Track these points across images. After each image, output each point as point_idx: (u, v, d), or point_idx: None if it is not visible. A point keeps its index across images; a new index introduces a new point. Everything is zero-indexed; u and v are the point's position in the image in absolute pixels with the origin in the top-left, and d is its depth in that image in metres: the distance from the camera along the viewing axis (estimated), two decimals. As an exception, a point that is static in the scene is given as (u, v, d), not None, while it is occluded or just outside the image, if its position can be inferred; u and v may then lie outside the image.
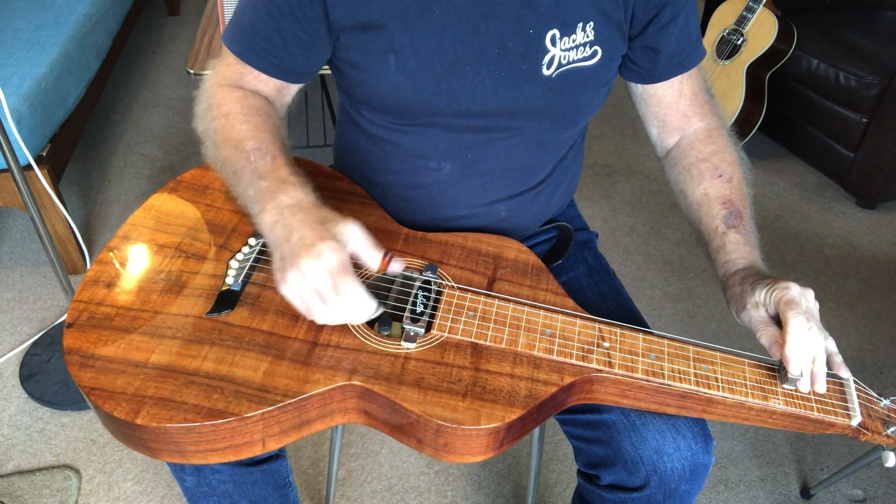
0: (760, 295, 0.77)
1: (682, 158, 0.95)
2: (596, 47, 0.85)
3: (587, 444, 0.89)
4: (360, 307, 0.72)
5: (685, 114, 0.95)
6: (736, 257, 0.84)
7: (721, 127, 0.95)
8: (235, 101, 0.86)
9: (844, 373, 0.77)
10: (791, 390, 0.76)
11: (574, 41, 0.83)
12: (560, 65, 0.84)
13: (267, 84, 0.89)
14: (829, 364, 0.76)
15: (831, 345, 0.76)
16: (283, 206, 0.75)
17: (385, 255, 0.76)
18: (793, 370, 0.73)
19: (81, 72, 2.02)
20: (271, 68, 0.87)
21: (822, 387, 0.75)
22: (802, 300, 0.75)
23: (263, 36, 0.84)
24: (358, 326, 0.76)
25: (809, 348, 0.73)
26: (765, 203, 2.25)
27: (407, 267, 0.85)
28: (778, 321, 0.76)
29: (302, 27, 0.83)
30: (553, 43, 0.83)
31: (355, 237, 0.74)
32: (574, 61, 0.84)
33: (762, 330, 0.77)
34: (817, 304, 0.77)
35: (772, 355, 0.76)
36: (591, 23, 0.83)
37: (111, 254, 0.83)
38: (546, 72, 0.84)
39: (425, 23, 0.80)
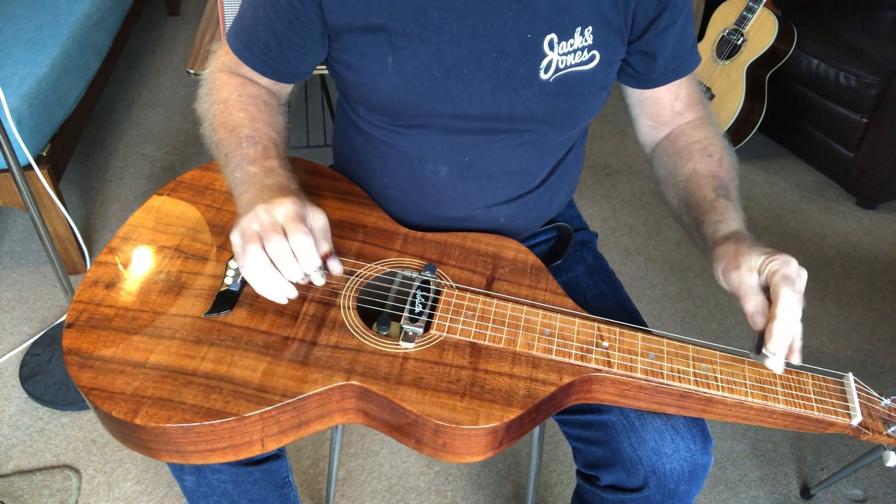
0: (758, 260, 0.73)
1: (673, 143, 0.95)
2: (594, 51, 0.85)
3: (586, 444, 0.89)
4: (303, 251, 0.71)
5: (679, 112, 0.96)
6: (727, 218, 0.82)
7: (711, 123, 0.96)
8: (234, 89, 0.88)
9: (796, 358, 0.73)
10: (758, 364, 0.74)
11: (572, 45, 0.83)
12: (558, 69, 0.84)
13: (262, 80, 0.91)
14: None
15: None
16: (265, 186, 0.78)
17: (330, 251, 0.77)
18: (773, 347, 0.71)
19: (81, 72, 2.02)
20: (267, 69, 0.89)
21: (797, 359, 0.72)
22: (798, 280, 0.72)
23: (260, 37, 0.86)
24: (357, 326, 0.76)
25: (794, 329, 0.71)
26: (765, 203, 2.25)
27: (406, 266, 0.85)
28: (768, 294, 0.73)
29: (296, 32, 0.83)
30: (551, 47, 0.82)
31: (318, 222, 0.76)
32: (572, 65, 0.84)
33: (751, 297, 0.73)
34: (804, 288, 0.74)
35: (752, 325, 0.73)
36: (590, 27, 0.83)
37: (111, 255, 0.83)
38: (544, 76, 0.84)
39: (423, 25, 0.80)
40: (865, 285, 1.96)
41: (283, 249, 0.71)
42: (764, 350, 0.72)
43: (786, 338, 0.71)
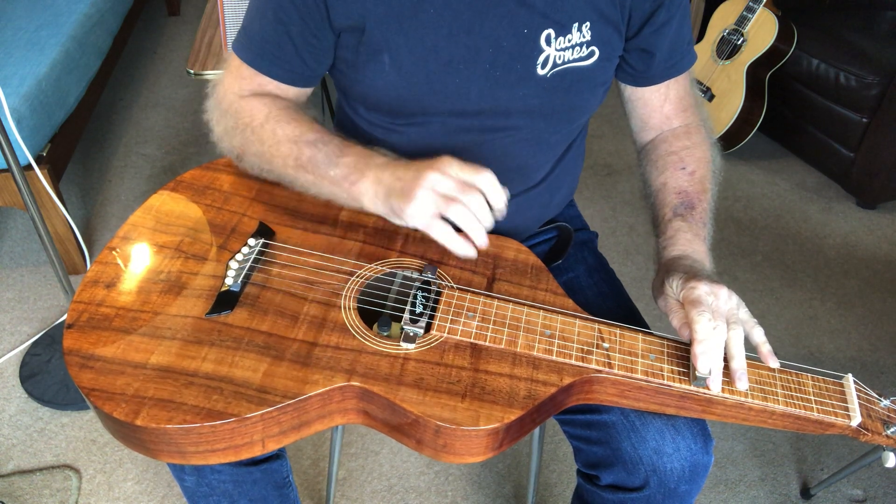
0: (673, 286, 0.79)
1: (653, 151, 0.96)
2: (593, 47, 0.85)
3: (587, 444, 0.89)
4: (492, 190, 0.76)
5: (667, 116, 0.96)
6: (670, 244, 0.86)
7: (700, 127, 0.96)
8: (268, 108, 0.87)
9: (773, 362, 0.76)
10: (702, 388, 0.74)
11: (570, 41, 0.83)
12: (555, 64, 0.84)
13: (287, 92, 0.90)
14: (758, 354, 0.76)
15: (758, 335, 0.76)
16: (387, 161, 0.79)
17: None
18: (701, 368, 0.72)
19: (82, 72, 2.02)
20: (284, 74, 0.88)
21: (743, 384, 0.73)
22: (709, 298, 0.75)
23: (274, 42, 0.85)
24: (357, 327, 0.76)
25: (717, 346, 0.72)
26: (765, 203, 2.25)
27: (406, 267, 0.85)
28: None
29: (310, 30, 0.83)
30: (548, 42, 0.83)
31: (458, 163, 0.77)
32: (570, 61, 0.84)
33: (674, 313, 0.78)
34: (733, 302, 0.76)
35: (680, 336, 0.77)
36: (588, 23, 0.83)
37: (111, 254, 0.83)
38: (540, 71, 0.84)
39: (420, 22, 0.80)
40: (865, 285, 1.96)
41: (479, 199, 0.75)
42: (696, 373, 0.73)
43: (707, 356, 0.72)
